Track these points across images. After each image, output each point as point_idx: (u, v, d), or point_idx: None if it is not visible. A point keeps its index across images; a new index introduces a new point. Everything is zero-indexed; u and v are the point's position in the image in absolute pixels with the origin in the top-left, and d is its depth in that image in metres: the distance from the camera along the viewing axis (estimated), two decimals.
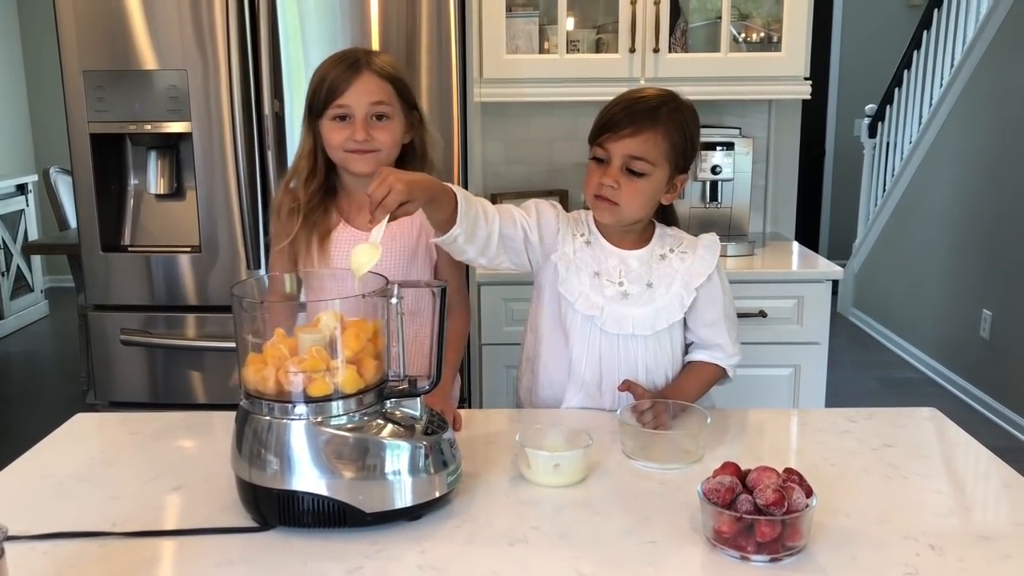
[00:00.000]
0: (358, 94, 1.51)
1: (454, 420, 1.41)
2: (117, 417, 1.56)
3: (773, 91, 2.62)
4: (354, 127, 1.51)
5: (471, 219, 1.36)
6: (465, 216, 1.34)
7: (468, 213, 1.34)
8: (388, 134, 1.54)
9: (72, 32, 2.13)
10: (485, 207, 1.41)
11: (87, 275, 2.27)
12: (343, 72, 1.52)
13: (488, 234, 1.41)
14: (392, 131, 1.55)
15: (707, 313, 1.51)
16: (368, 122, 1.52)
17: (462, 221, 1.33)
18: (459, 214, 1.32)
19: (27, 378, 4.58)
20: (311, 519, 1.09)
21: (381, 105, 1.53)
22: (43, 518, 1.13)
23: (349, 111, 1.52)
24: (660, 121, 1.44)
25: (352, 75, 1.51)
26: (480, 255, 1.43)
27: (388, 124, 1.54)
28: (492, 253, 1.44)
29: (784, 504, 1.01)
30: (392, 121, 1.55)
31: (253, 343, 1.13)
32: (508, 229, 1.45)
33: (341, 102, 1.51)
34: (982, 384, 3.93)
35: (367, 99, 1.52)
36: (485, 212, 1.40)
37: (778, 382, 2.43)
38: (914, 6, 5.78)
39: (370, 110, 1.52)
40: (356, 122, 1.51)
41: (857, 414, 1.49)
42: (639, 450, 1.30)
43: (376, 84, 1.53)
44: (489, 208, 1.42)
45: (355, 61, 1.53)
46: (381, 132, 1.53)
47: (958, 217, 4.21)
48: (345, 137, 1.52)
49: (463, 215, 1.33)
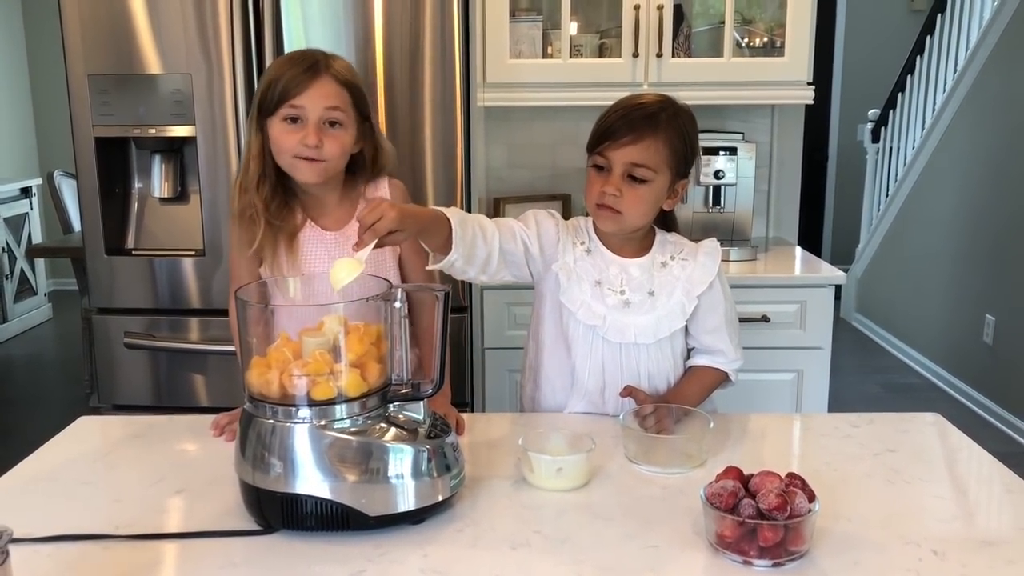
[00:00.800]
0: (314, 97, 1.45)
1: (457, 424, 1.41)
2: (120, 420, 1.56)
3: (776, 96, 2.62)
4: (306, 131, 1.44)
5: (468, 242, 1.35)
6: (461, 241, 1.33)
7: (464, 237, 1.34)
8: (338, 144, 1.48)
9: (77, 36, 2.14)
10: (483, 226, 1.40)
11: (91, 278, 2.27)
12: (300, 73, 1.45)
13: (488, 252, 1.40)
14: (342, 141, 1.48)
15: (709, 320, 1.51)
16: (320, 128, 1.45)
17: (458, 246, 1.33)
18: (454, 239, 1.32)
19: (30, 381, 4.59)
20: (314, 522, 1.09)
21: (336, 111, 1.46)
22: (46, 520, 1.14)
23: (303, 113, 1.45)
24: (660, 127, 1.44)
25: (310, 77, 1.45)
26: (481, 273, 1.42)
27: (339, 133, 1.48)
28: (493, 270, 1.43)
29: (787, 509, 1.01)
30: (343, 130, 1.48)
31: (257, 347, 1.14)
32: (508, 244, 1.45)
33: (296, 103, 1.44)
34: (985, 389, 3.92)
35: (323, 103, 1.45)
36: (483, 231, 1.39)
37: (781, 387, 2.42)
38: (917, 11, 5.78)
39: (324, 115, 1.45)
40: (308, 126, 1.44)
41: (860, 419, 1.49)
42: (642, 454, 1.30)
43: (333, 89, 1.46)
44: (488, 226, 1.42)
45: (314, 63, 1.46)
46: (331, 142, 1.46)
47: (961, 222, 4.21)
48: (296, 141, 1.45)
49: (459, 240, 1.32)
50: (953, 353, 4.23)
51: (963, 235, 4.18)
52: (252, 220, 1.50)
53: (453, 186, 2.20)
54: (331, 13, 2.14)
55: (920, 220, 4.67)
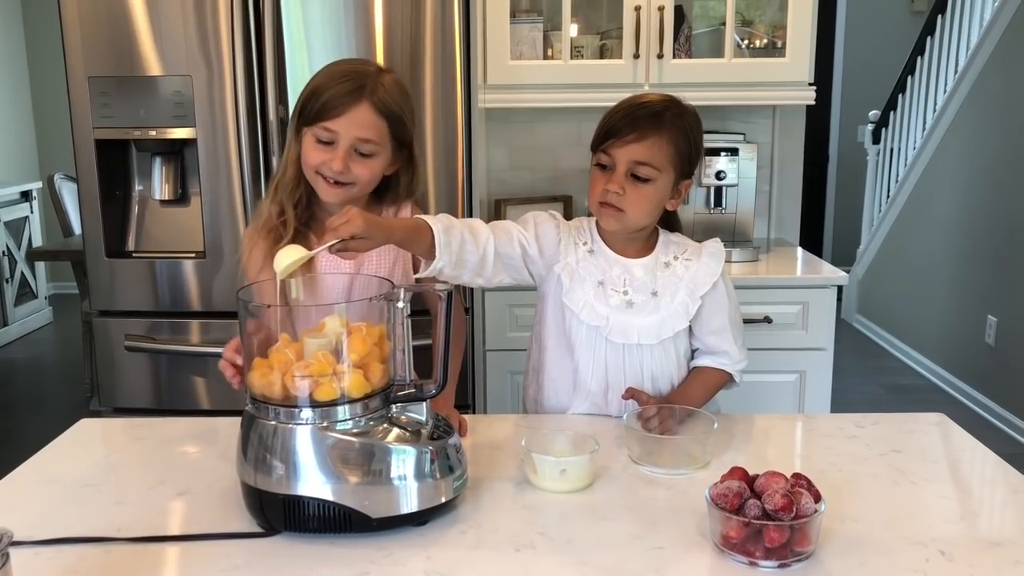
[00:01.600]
0: (348, 124, 1.40)
1: (460, 425, 1.41)
2: (121, 423, 1.56)
3: (777, 97, 2.62)
4: (334, 154, 1.41)
5: (455, 248, 1.34)
6: (446, 248, 1.32)
7: (450, 244, 1.33)
8: (368, 170, 1.44)
9: (77, 38, 2.14)
10: (475, 230, 1.39)
11: (92, 281, 2.27)
12: (342, 95, 1.40)
13: (481, 256, 1.39)
14: (372, 168, 1.44)
15: (713, 321, 1.51)
16: (349, 154, 1.41)
17: (443, 253, 1.32)
18: (438, 247, 1.31)
19: (31, 384, 4.58)
20: (316, 524, 1.09)
21: (368, 143, 1.42)
22: (47, 523, 1.13)
23: (335, 137, 1.41)
24: (664, 126, 1.43)
25: (349, 102, 1.40)
26: (476, 276, 1.41)
27: (369, 162, 1.44)
28: (489, 273, 1.43)
29: (793, 509, 1.00)
30: (375, 159, 1.44)
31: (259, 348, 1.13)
32: (504, 247, 1.44)
33: (330, 125, 1.40)
34: (987, 391, 3.91)
35: (356, 132, 1.40)
36: (474, 235, 1.39)
37: (783, 388, 2.42)
38: (917, 12, 5.78)
39: (355, 144, 1.41)
40: (338, 150, 1.41)
41: (864, 419, 1.49)
42: (645, 455, 1.30)
43: (369, 119, 1.41)
44: (480, 230, 1.41)
45: (359, 87, 1.41)
46: (361, 167, 1.43)
47: (963, 223, 4.20)
48: (322, 160, 1.42)
49: (443, 247, 1.32)
50: (955, 354, 4.22)
51: (965, 236, 4.17)
52: (283, 225, 1.46)
53: (454, 188, 2.19)
54: (332, 14, 2.13)
55: (921, 221, 4.66)
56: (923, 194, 4.66)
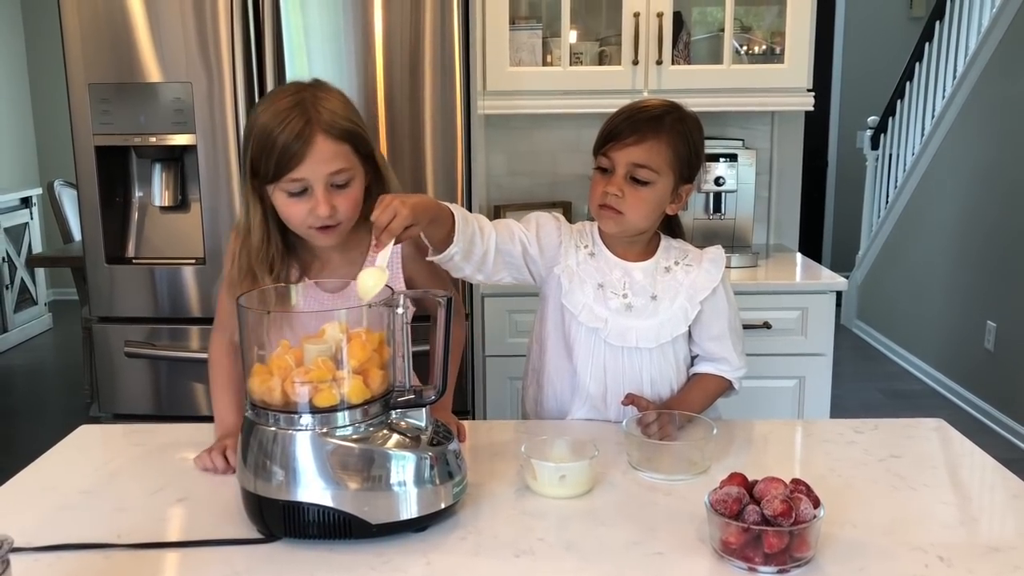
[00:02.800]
0: (314, 165, 1.30)
1: (458, 431, 1.41)
2: (121, 429, 1.56)
3: (776, 103, 2.63)
4: (315, 201, 1.32)
5: (468, 237, 1.36)
6: (463, 234, 1.34)
7: (465, 231, 1.34)
8: (350, 202, 1.35)
9: (77, 45, 2.14)
10: (482, 224, 1.41)
11: (91, 287, 2.27)
12: (294, 138, 1.29)
13: (484, 251, 1.40)
14: (353, 196, 1.36)
15: (712, 327, 1.51)
16: (328, 192, 1.32)
17: (459, 239, 1.33)
18: (456, 232, 1.33)
19: (30, 391, 4.58)
20: (316, 530, 1.09)
21: (340, 174, 1.33)
22: (47, 530, 1.13)
23: (306, 184, 1.32)
24: (664, 130, 1.44)
25: (305, 141, 1.29)
26: (477, 271, 1.42)
27: (349, 191, 1.35)
28: (489, 269, 1.44)
29: (792, 515, 1.00)
30: (353, 185, 1.36)
31: (258, 354, 1.13)
32: (506, 244, 1.45)
33: (296, 176, 1.30)
34: (986, 396, 3.91)
35: (325, 169, 1.31)
36: (481, 229, 1.40)
37: (782, 394, 2.42)
38: (916, 18, 5.80)
39: (329, 180, 1.32)
40: (317, 196, 1.32)
41: (863, 425, 1.49)
42: (645, 461, 1.30)
43: (332, 149, 1.31)
44: (486, 224, 1.42)
45: (306, 121, 1.29)
46: (344, 202, 1.34)
47: (962, 228, 4.21)
48: (305, 212, 1.33)
49: (460, 233, 1.33)
50: (954, 359, 4.22)
51: (964, 241, 4.18)
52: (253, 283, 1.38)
53: (454, 194, 2.20)
54: (331, 21, 2.14)
55: (920, 226, 4.67)
56: (922, 200, 4.66)
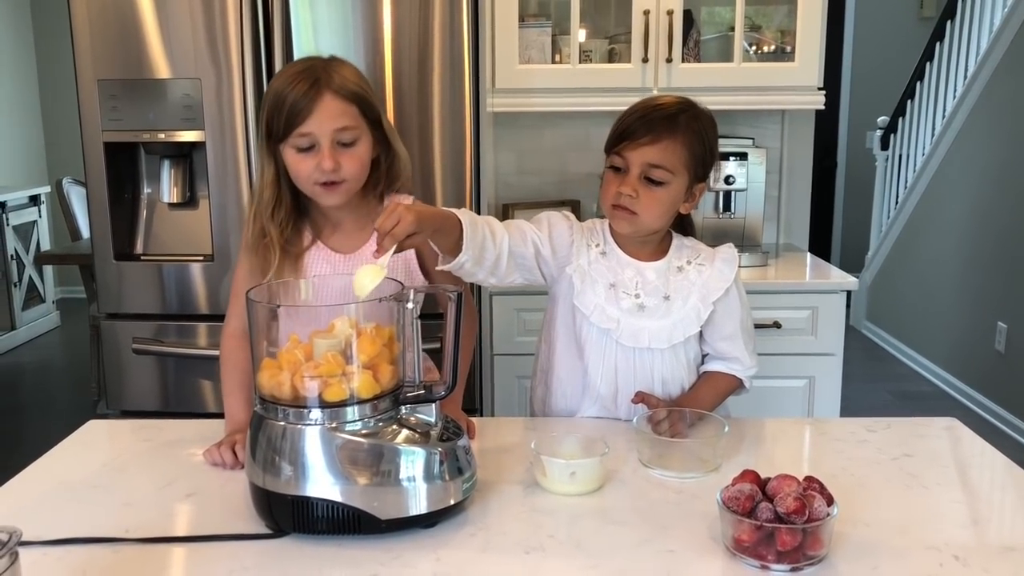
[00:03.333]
0: (321, 120, 1.38)
1: (468, 428, 1.40)
2: (129, 424, 1.56)
3: (787, 101, 2.61)
4: (320, 156, 1.39)
5: (478, 243, 1.33)
6: (472, 241, 1.31)
7: (475, 238, 1.32)
8: (355, 162, 1.42)
9: (86, 41, 2.14)
10: (492, 227, 1.39)
11: (100, 284, 2.27)
12: (302, 96, 1.37)
13: (497, 255, 1.38)
14: (359, 156, 1.43)
15: (725, 327, 1.49)
16: (335, 149, 1.39)
17: (468, 247, 1.31)
18: (465, 240, 1.30)
19: (39, 388, 4.59)
20: (325, 526, 1.08)
21: (346, 131, 1.40)
22: (56, 523, 1.13)
23: (313, 139, 1.39)
24: (679, 129, 1.42)
25: (313, 98, 1.37)
26: (490, 275, 1.40)
27: (355, 150, 1.41)
28: (503, 272, 1.41)
29: (805, 512, 0.99)
30: (359, 145, 1.42)
31: (268, 349, 1.13)
32: (518, 247, 1.43)
33: (303, 130, 1.38)
34: (997, 397, 3.89)
35: (331, 125, 1.38)
36: (492, 233, 1.38)
37: (792, 394, 2.41)
38: (926, 18, 5.77)
39: (335, 136, 1.39)
40: (323, 150, 1.39)
41: (876, 423, 1.48)
42: (656, 458, 1.29)
43: (339, 107, 1.39)
44: (497, 228, 1.40)
45: (314, 81, 1.38)
46: (348, 161, 1.41)
47: (972, 229, 4.19)
48: (312, 167, 1.39)
49: (469, 240, 1.31)
50: (964, 361, 4.20)
51: (974, 242, 4.15)
52: (267, 248, 1.45)
53: (462, 192, 2.19)
54: (340, 17, 2.13)
55: (931, 227, 4.64)
56: (933, 200, 4.64)
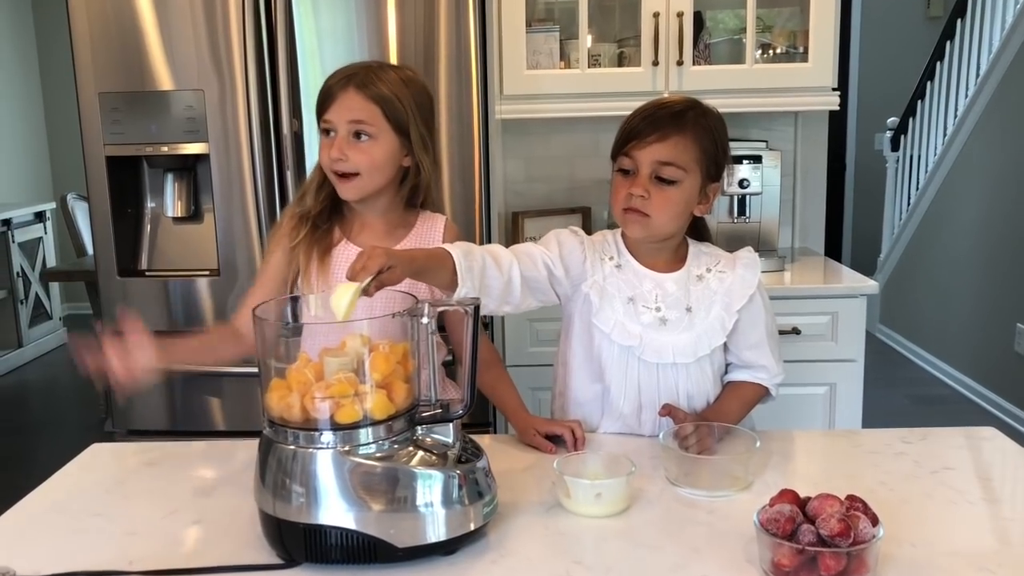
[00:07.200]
0: (339, 111, 1.44)
1: (575, 438, 1.37)
2: (133, 447, 1.51)
3: (800, 102, 2.56)
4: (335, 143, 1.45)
5: (477, 273, 1.29)
6: (468, 273, 1.27)
7: (472, 269, 1.28)
8: (365, 157, 1.43)
9: (87, 53, 2.10)
10: (496, 256, 1.34)
11: (104, 301, 2.23)
12: (333, 85, 1.46)
13: (506, 282, 1.33)
14: (372, 153, 1.44)
15: (751, 335, 1.43)
16: (348, 140, 1.44)
17: (465, 278, 1.26)
18: (459, 272, 1.26)
19: (45, 406, 4.56)
20: (339, 555, 1.03)
21: (361, 124, 1.43)
22: (55, 556, 1.08)
23: (332, 126, 1.46)
24: (687, 125, 1.37)
25: (339, 89, 1.45)
26: (503, 304, 1.35)
27: (367, 146, 1.44)
28: (517, 299, 1.36)
29: (850, 535, 0.94)
30: (374, 142, 1.44)
31: (276, 368, 1.08)
32: (530, 271, 1.38)
33: (327, 117, 1.46)
34: (1018, 401, 3.82)
35: (346, 116, 1.44)
36: (497, 261, 1.33)
37: (813, 401, 2.35)
38: (933, 18, 5.72)
39: (350, 128, 1.44)
40: (337, 139, 1.45)
41: (911, 435, 1.42)
42: (683, 476, 1.23)
43: (359, 103, 1.43)
44: (502, 255, 1.35)
45: (351, 75, 1.45)
46: (359, 153, 1.43)
47: (987, 230, 4.12)
48: (326, 153, 1.46)
49: (465, 272, 1.26)
50: (983, 364, 4.13)
51: (990, 243, 4.09)
52: (300, 220, 1.51)
53: (471, 200, 2.14)
54: (344, 26, 2.09)
55: (944, 229, 4.58)
56: (946, 201, 4.58)
